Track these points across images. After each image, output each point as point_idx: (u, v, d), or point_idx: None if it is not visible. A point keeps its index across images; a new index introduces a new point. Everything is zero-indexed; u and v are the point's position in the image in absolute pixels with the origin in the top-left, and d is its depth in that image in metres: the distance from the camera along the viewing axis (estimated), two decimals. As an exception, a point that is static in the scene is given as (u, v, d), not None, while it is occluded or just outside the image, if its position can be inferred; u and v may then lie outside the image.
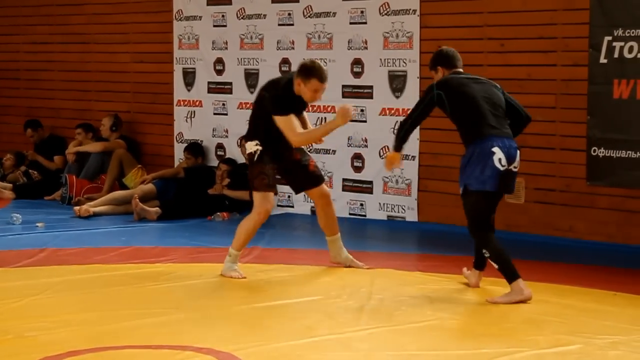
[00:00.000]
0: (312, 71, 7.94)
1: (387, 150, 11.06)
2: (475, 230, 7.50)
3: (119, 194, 11.71)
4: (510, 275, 7.24)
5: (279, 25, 11.93)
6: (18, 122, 14.39)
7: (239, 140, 11.94)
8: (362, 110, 11.24)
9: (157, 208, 11.11)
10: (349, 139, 11.37)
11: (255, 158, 8.02)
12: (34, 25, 14.63)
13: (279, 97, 7.95)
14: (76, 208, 11.32)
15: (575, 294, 7.64)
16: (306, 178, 8.27)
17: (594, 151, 9.67)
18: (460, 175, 7.45)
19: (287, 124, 7.88)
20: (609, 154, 9.58)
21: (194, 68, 12.78)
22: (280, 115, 7.87)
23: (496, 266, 7.28)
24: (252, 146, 8.04)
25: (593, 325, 6.63)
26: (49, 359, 5.63)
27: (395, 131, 7.82)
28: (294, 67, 11.69)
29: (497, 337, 6.30)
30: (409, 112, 7.74)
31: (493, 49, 10.34)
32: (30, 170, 13.36)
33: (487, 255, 7.34)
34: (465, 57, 10.42)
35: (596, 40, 9.58)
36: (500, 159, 7.27)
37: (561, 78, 9.93)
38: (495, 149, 7.27)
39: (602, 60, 9.56)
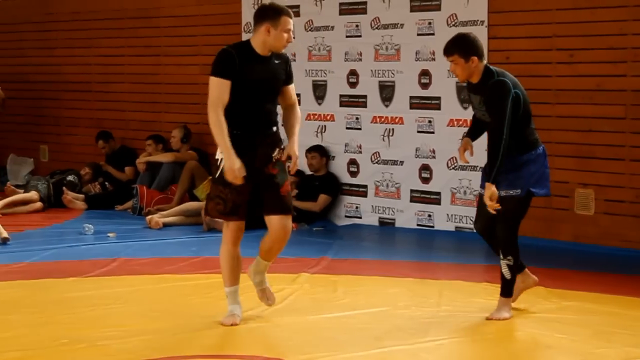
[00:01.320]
0: (278, 10, 6.57)
1: (455, 161, 11.06)
2: (516, 235, 7.07)
3: (190, 205, 11.82)
4: (510, 291, 7.07)
5: (347, 37, 11.98)
6: (89, 133, 14.58)
7: (306, 152, 12.00)
8: (430, 122, 11.26)
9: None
10: (416, 150, 11.38)
11: (219, 172, 6.72)
12: (105, 39, 14.82)
13: (221, 53, 6.57)
14: (148, 218, 11.45)
15: (644, 306, 7.59)
16: (274, 201, 6.70)
17: (665, 162, 9.59)
18: (513, 178, 6.89)
19: (213, 89, 6.47)
20: (679, 165, 9.50)
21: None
22: (213, 76, 6.46)
23: (508, 276, 7.00)
24: (219, 151, 6.68)
25: (663, 337, 6.59)
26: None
27: (491, 160, 6.78)
28: (362, 78, 11.82)
29: (567, 349, 6.27)
30: (496, 132, 6.81)
31: (562, 60, 10.29)
32: (106, 183, 13.52)
33: (510, 263, 6.97)
34: (534, 68, 10.48)
35: (666, 50, 9.53)
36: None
37: (631, 89, 9.86)
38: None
39: (673, 70, 9.50)
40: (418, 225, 11.41)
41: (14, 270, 8.77)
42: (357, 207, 11.94)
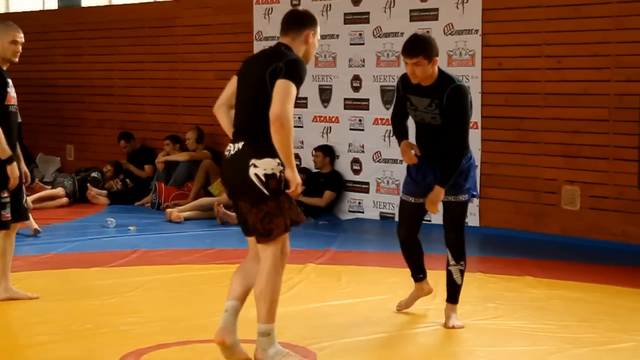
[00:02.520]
0: (313, 16, 5.82)
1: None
2: (465, 238, 6.53)
3: (205, 200, 11.81)
4: (458, 299, 6.53)
5: (351, 44, 11.96)
6: (112, 134, 14.58)
7: (313, 151, 12.00)
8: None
9: (238, 214, 11.21)
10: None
11: (282, 185, 5.29)
12: (127, 46, 14.83)
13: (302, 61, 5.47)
14: (168, 211, 11.46)
15: (627, 295, 7.57)
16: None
17: (646, 161, 9.57)
18: (463, 184, 6.33)
19: (292, 97, 5.26)
20: (659, 164, 9.47)
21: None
22: (296, 85, 5.28)
23: (460, 282, 6.49)
24: (273, 164, 5.27)
25: (644, 324, 6.57)
26: (140, 350, 5.72)
27: (454, 164, 6.20)
28: (365, 83, 11.80)
29: (553, 334, 6.26)
30: (458, 141, 6.19)
31: (550, 66, 10.27)
32: (127, 180, 13.53)
33: (462, 268, 6.49)
34: (524, 74, 10.46)
35: (647, 57, 9.50)
36: None
37: (615, 93, 9.84)
38: None
39: (653, 76, 9.47)
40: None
41: (42, 260, 8.77)
42: (359, 203, 11.92)
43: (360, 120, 11.82)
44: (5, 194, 6.93)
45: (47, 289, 7.51)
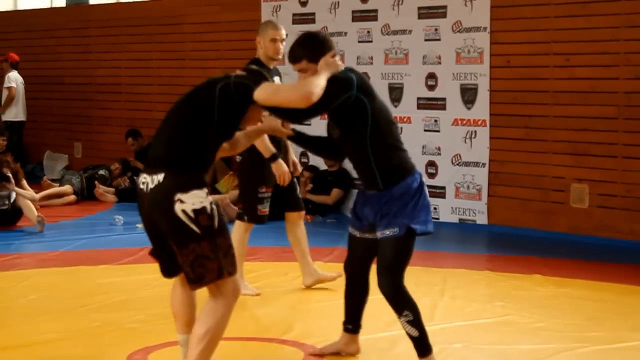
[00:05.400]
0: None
1: (459, 158, 11.05)
2: (402, 283, 5.29)
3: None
4: (427, 348, 5.26)
5: (359, 42, 11.97)
6: (120, 132, 14.61)
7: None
8: (435, 121, 11.24)
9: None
10: (423, 147, 11.36)
11: (216, 222, 4.63)
12: (135, 44, 14.85)
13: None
14: (173, 210, 11.45)
15: (634, 293, 7.56)
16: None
17: (654, 159, 9.56)
18: (394, 214, 5.13)
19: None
20: (668, 162, 9.47)
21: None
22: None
23: (416, 334, 5.20)
24: (201, 196, 4.62)
25: (652, 322, 6.57)
26: (148, 348, 5.73)
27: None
28: (373, 81, 11.76)
29: (561, 332, 6.26)
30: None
31: (559, 64, 10.27)
32: (135, 177, 13.55)
33: (410, 318, 5.19)
34: (532, 71, 10.46)
35: (656, 55, 9.49)
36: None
37: (623, 90, 9.83)
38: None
39: (662, 73, 9.47)
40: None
41: (49, 258, 8.79)
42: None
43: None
44: (264, 189, 7.05)
45: (54, 287, 7.53)
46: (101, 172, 13.51)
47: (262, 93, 4.63)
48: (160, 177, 4.59)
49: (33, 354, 5.71)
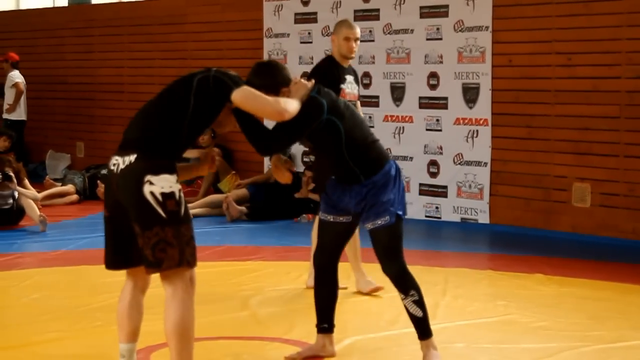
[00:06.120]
0: None
1: (461, 157, 11.05)
2: (404, 264, 5.46)
3: (214, 197, 11.83)
4: (428, 330, 5.39)
5: (361, 41, 11.89)
6: (122, 131, 14.49)
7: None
8: (437, 120, 11.24)
9: (244, 208, 11.24)
10: (425, 146, 11.36)
11: (182, 210, 4.64)
12: (136, 43, 14.86)
13: None
14: (177, 209, 11.45)
15: (637, 292, 7.55)
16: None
17: (656, 158, 9.55)
18: (381, 204, 5.29)
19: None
20: (670, 161, 9.45)
21: (283, 81, 12.85)
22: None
23: (420, 314, 5.35)
24: (171, 181, 4.59)
25: (655, 321, 6.56)
26: (150, 347, 5.72)
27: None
28: (375, 80, 11.79)
29: (563, 332, 6.25)
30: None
31: (560, 63, 10.26)
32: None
33: (415, 298, 5.35)
34: (534, 70, 10.45)
35: (658, 54, 9.47)
36: None
37: (625, 90, 9.82)
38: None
39: (664, 72, 9.45)
40: (426, 216, 11.38)
41: (52, 257, 8.79)
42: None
43: (370, 117, 11.81)
44: None
45: (56, 286, 7.53)
46: (103, 171, 13.46)
47: (240, 94, 4.66)
48: (132, 157, 4.59)
49: (35, 353, 5.70)
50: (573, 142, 10.18)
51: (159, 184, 4.50)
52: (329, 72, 7.02)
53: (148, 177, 4.50)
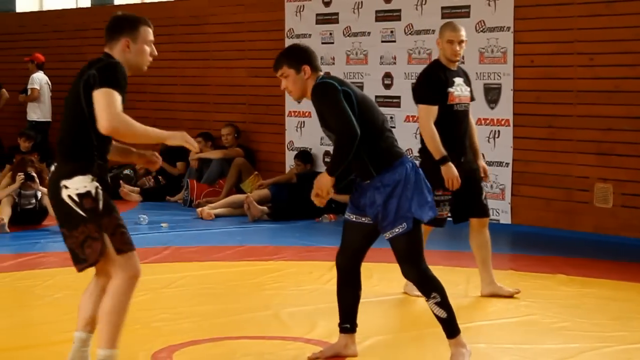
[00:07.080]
0: (133, 20, 5.65)
1: (483, 158, 10.99)
2: (425, 267, 5.40)
3: (237, 197, 11.84)
4: (456, 330, 5.40)
5: (382, 42, 11.95)
6: (144, 131, 14.62)
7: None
8: (459, 121, 11.21)
9: (265, 208, 11.26)
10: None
11: (101, 205, 4.79)
12: (159, 44, 14.79)
13: None
14: (199, 210, 11.49)
15: (660, 293, 7.52)
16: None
17: (679, 159, 9.49)
18: (394, 213, 5.29)
19: None
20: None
21: (304, 82, 12.86)
22: None
23: (444, 315, 5.33)
24: (85, 181, 4.78)
25: (677, 322, 6.52)
26: (172, 347, 5.74)
27: (335, 154, 5.37)
28: (397, 80, 11.79)
29: (585, 332, 6.23)
30: (337, 133, 5.30)
31: (582, 63, 10.22)
32: (159, 177, 13.58)
33: (437, 300, 5.31)
34: (556, 71, 10.41)
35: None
36: None
37: (647, 90, 9.78)
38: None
39: (687, 73, 9.39)
40: (447, 216, 11.32)
41: (74, 257, 8.81)
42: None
43: (391, 118, 11.80)
44: (440, 192, 6.92)
45: (79, 285, 7.51)
46: (126, 171, 13.55)
47: (100, 94, 4.98)
48: (53, 166, 4.97)
49: (58, 353, 5.72)
50: (595, 142, 10.13)
51: (73, 187, 4.74)
52: (434, 75, 7.01)
53: (63, 182, 4.75)
